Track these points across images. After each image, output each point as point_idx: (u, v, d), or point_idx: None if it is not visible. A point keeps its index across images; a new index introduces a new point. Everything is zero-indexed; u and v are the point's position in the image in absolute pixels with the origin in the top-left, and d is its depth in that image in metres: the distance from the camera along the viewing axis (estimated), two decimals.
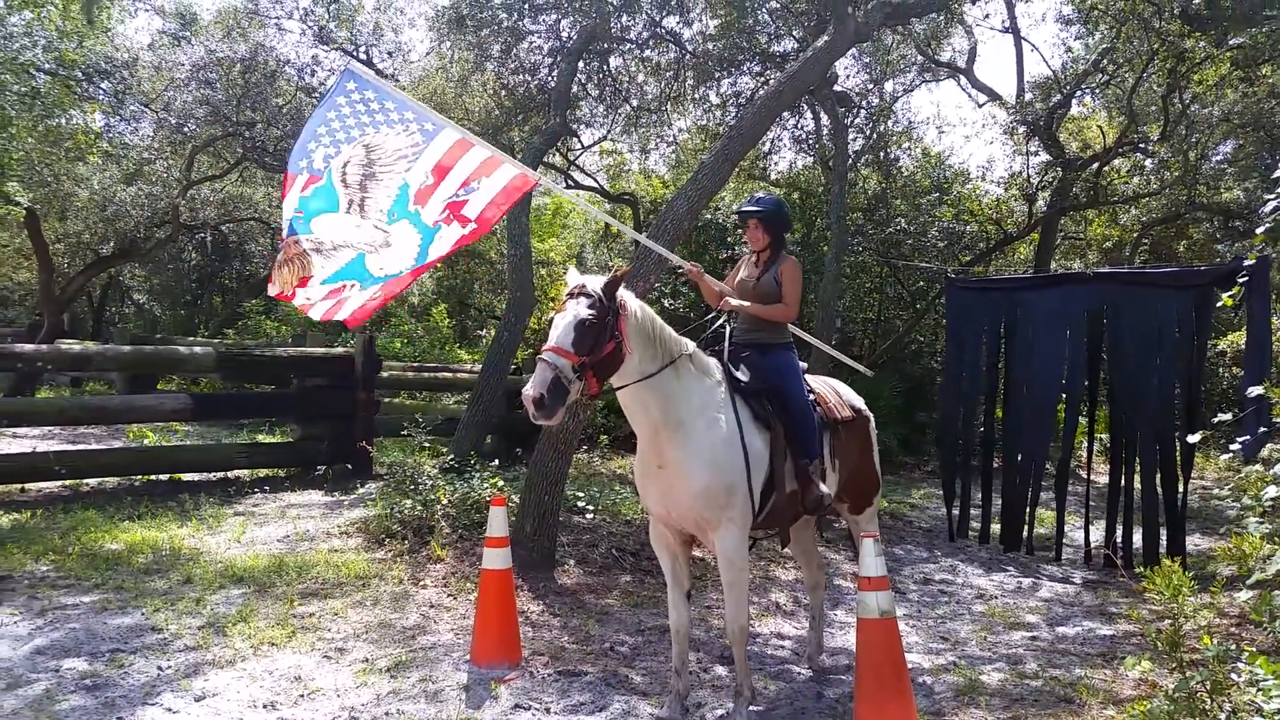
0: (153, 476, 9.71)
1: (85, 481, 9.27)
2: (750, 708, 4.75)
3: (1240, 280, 6.52)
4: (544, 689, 5.06)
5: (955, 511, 9.47)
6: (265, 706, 4.63)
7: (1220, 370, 17.61)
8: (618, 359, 4.30)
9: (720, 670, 5.50)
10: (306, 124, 5.65)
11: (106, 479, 9.47)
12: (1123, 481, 8.57)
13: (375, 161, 5.50)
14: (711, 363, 4.83)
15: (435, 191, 5.41)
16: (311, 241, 5.36)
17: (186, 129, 17.64)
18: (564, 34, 13.17)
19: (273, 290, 5.49)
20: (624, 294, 4.38)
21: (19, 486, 8.92)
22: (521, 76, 13.87)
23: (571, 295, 4.27)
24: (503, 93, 14.28)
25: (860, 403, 5.72)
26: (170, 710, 4.51)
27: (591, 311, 4.18)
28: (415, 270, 5.32)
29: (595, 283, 4.29)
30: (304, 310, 5.49)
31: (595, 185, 21.04)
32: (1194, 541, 8.41)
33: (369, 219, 5.38)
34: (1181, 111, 14.96)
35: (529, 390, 4.04)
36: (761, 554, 8.02)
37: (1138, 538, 8.45)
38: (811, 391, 5.21)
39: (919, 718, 4.56)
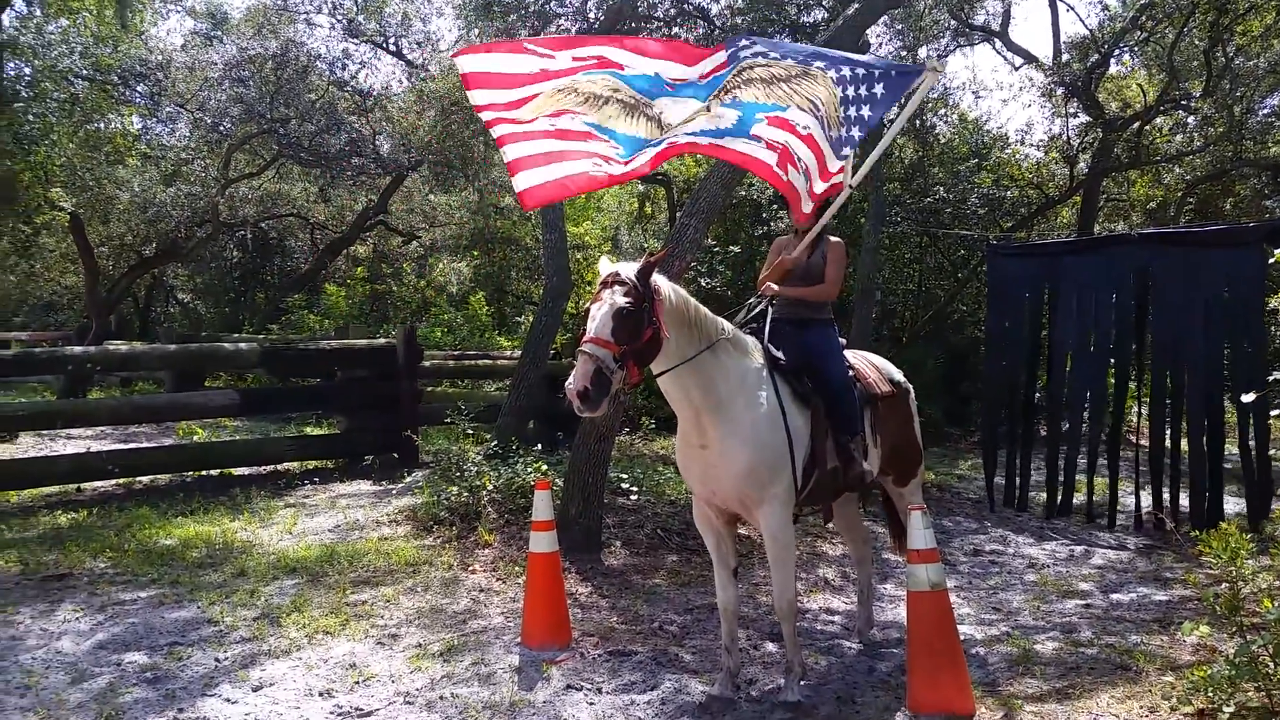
0: (204, 472, 9.86)
1: (138, 479, 9.44)
2: (801, 682, 4.74)
3: None
4: (595, 669, 5.09)
5: (1000, 480, 9.37)
6: (321, 694, 4.69)
7: (1273, 329, 17.22)
8: (656, 345, 4.26)
9: (770, 646, 5.49)
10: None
11: (159, 476, 9.63)
12: (1168, 444, 8.43)
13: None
14: (750, 341, 4.79)
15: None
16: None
17: (222, 128, 17.86)
18: (590, 14, 13.10)
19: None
20: (658, 279, 4.33)
21: (75, 486, 9.10)
22: None
23: (606, 284, 4.22)
24: None
25: (900, 376, 5.67)
26: (229, 700, 4.59)
27: (628, 300, 4.13)
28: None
29: (629, 270, 4.24)
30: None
31: None
32: (1240, 505, 8.24)
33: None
34: (1225, 65, 14.60)
35: (572, 384, 4.01)
36: (808, 530, 7.99)
37: (1196, 501, 8.31)
38: (850, 368, 5.17)
39: (972, 689, 4.52)
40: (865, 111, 4.57)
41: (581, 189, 5.27)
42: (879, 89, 4.57)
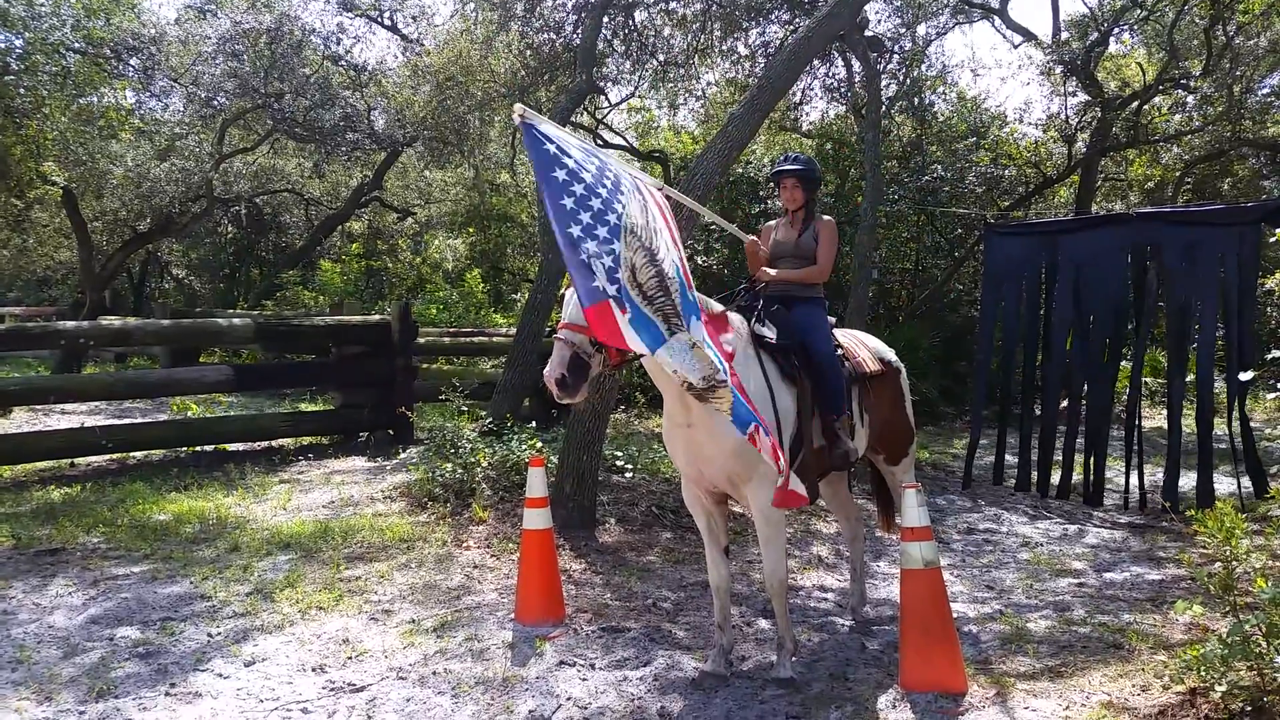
0: (198, 448, 9.84)
1: (132, 454, 9.42)
2: (794, 659, 4.74)
3: None
4: (588, 645, 5.09)
5: (992, 459, 9.37)
6: (314, 669, 4.69)
7: (1268, 309, 17.22)
8: None
9: (763, 624, 5.50)
10: (555, 226, 3.67)
11: (152, 451, 9.61)
12: (1166, 423, 8.43)
13: (653, 250, 3.85)
14: (737, 319, 4.77)
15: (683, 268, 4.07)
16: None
17: (216, 102, 17.72)
18: None
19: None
20: None
21: (68, 461, 9.08)
22: (546, 35, 13.74)
23: None
24: (528, 52, 14.15)
25: (891, 355, 5.66)
26: (221, 675, 4.58)
27: None
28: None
29: None
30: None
31: (624, 143, 20.90)
32: (1245, 484, 8.25)
33: (691, 329, 3.88)
34: (1225, 44, 14.51)
35: (549, 371, 3.97)
36: (801, 508, 7.99)
37: (1188, 481, 8.32)
38: (839, 346, 5.15)
39: (965, 667, 4.53)
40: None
41: None
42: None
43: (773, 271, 5.14)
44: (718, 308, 4.66)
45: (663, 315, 3.76)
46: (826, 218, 5.29)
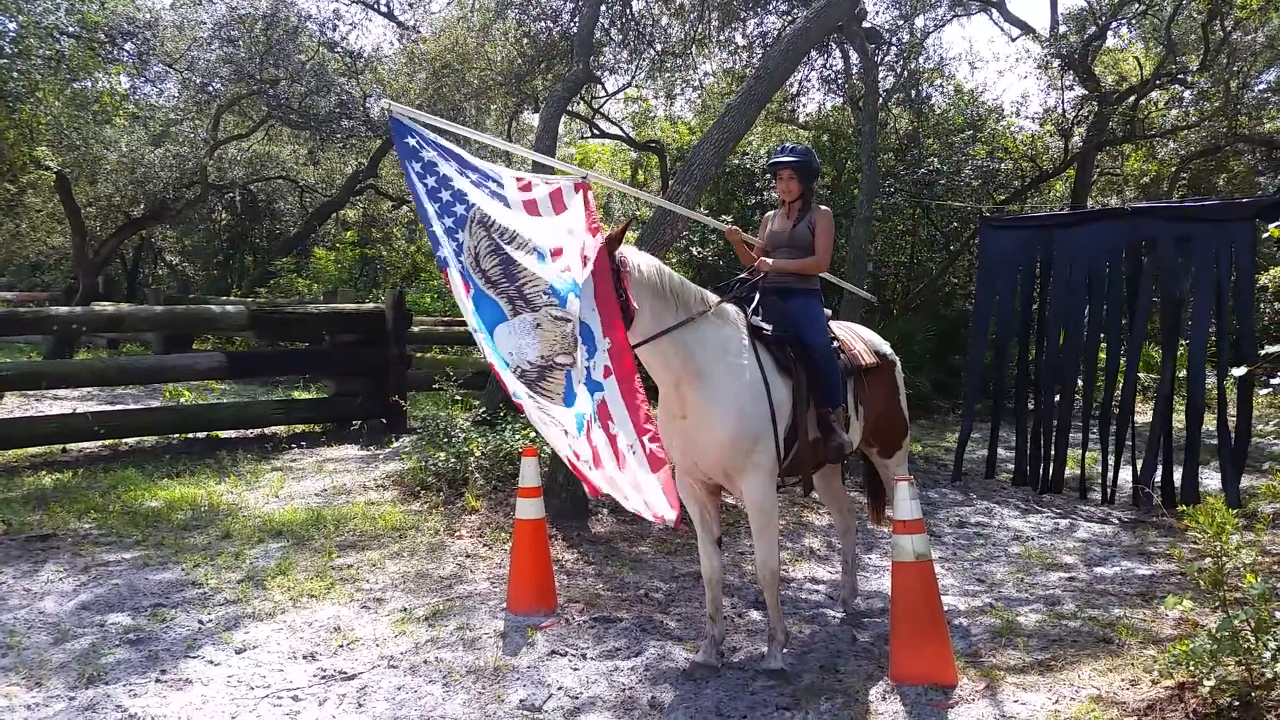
0: (190, 435, 9.82)
1: (124, 441, 9.40)
2: (784, 650, 4.75)
3: None
4: (580, 635, 5.10)
5: (985, 453, 9.38)
6: (305, 657, 4.69)
7: (1262, 305, 17.25)
8: (627, 319, 4.22)
9: (755, 615, 5.50)
10: (415, 199, 4.33)
11: (145, 438, 9.59)
12: (1160, 419, 8.45)
13: (501, 241, 4.21)
14: (733, 311, 4.76)
15: (564, 252, 4.29)
16: (526, 374, 4.02)
17: (211, 88, 17.65)
18: None
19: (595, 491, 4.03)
20: (626, 251, 4.28)
21: (60, 447, 9.06)
22: (543, 23, 13.69)
23: None
24: (525, 40, 14.10)
25: (885, 347, 5.65)
26: (212, 662, 4.58)
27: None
28: (615, 363, 4.15)
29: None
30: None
31: (620, 133, 20.84)
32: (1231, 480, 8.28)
33: (542, 309, 4.09)
34: (1223, 39, 14.50)
35: None
36: (794, 500, 8.00)
37: (1179, 476, 8.34)
38: (835, 339, 5.15)
39: (955, 659, 4.54)
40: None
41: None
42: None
43: (771, 261, 5.12)
44: (714, 299, 4.66)
45: (507, 298, 4.13)
46: (823, 208, 5.25)
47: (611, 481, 4.00)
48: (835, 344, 5.10)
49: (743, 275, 5.18)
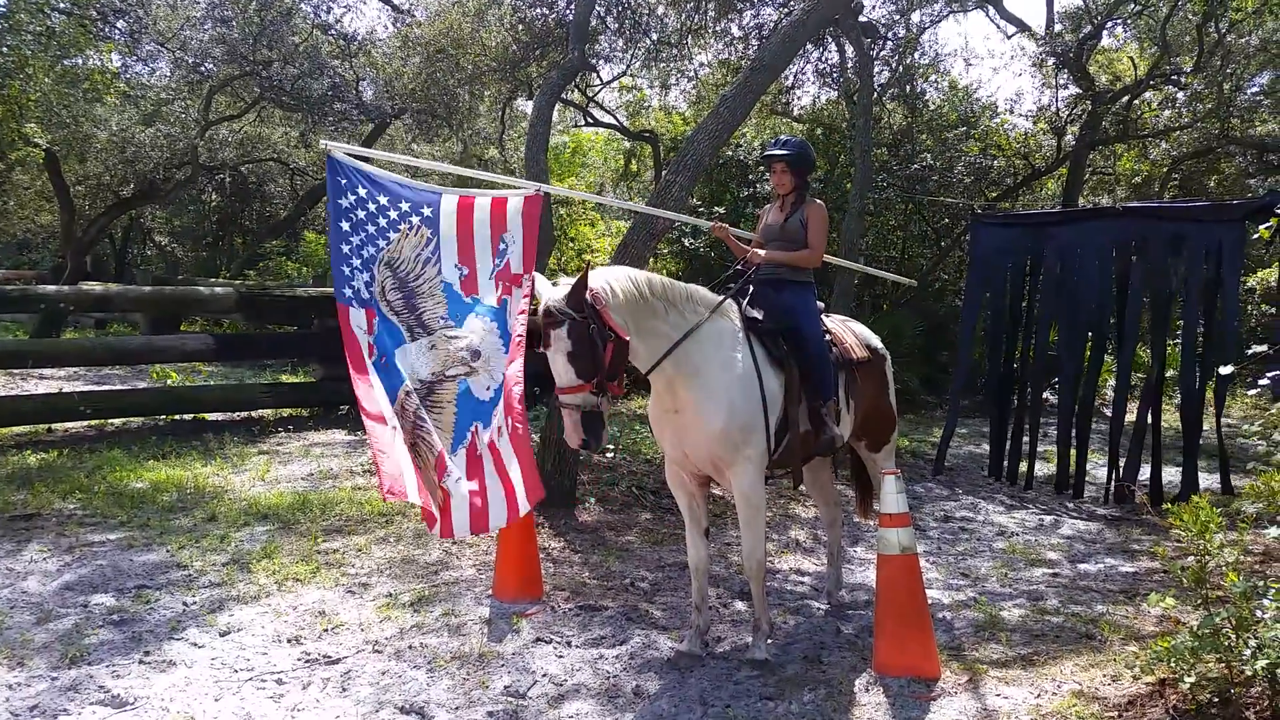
0: (177, 416, 9.78)
1: (110, 421, 9.36)
2: (769, 641, 4.77)
3: (1278, 212, 6.35)
4: (565, 623, 5.10)
5: (973, 449, 9.41)
6: (290, 641, 4.68)
7: (1249, 308, 17.34)
8: (623, 352, 4.15)
9: (740, 605, 5.52)
10: (330, 238, 4.95)
11: (131, 419, 9.55)
12: (1149, 418, 8.49)
13: (406, 279, 4.81)
14: (726, 303, 4.75)
15: (477, 276, 4.86)
16: (413, 389, 4.59)
17: (203, 68, 17.51)
18: None
19: (393, 489, 4.34)
20: (595, 283, 4.11)
21: (45, 427, 9.02)
22: (539, 10, 13.62)
23: (546, 325, 4.05)
24: (520, 27, 14.03)
25: (877, 342, 5.66)
26: (195, 645, 4.57)
27: (573, 339, 3.99)
28: (510, 362, 4.64)
29: (558, 298, 4.03)
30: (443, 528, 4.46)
31: (615, 122, 20.79)
32: (1216, 480, 8.33)
33: (437, 333, 4.74)
34: (1217, 41, 14.53)
35: (570, 441, 4.08)
36: (780, 492, 8.02)
37: (1165, 474, 8.39)
38: (827, 332, 5.15)
39: (938, 653, 4.56)
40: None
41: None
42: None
43: (763, 253, 5.11)
44: (710, 297, 4.66)
45: (406, 326, 4.75)
46: (817, 202, 5.21)
47: (478, 511, 4.52)
48: (828, 337, 5.11)
49: (737, 267, 5.18)
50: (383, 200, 4.81)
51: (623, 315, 4.19)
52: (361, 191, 4.78)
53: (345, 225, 4.70)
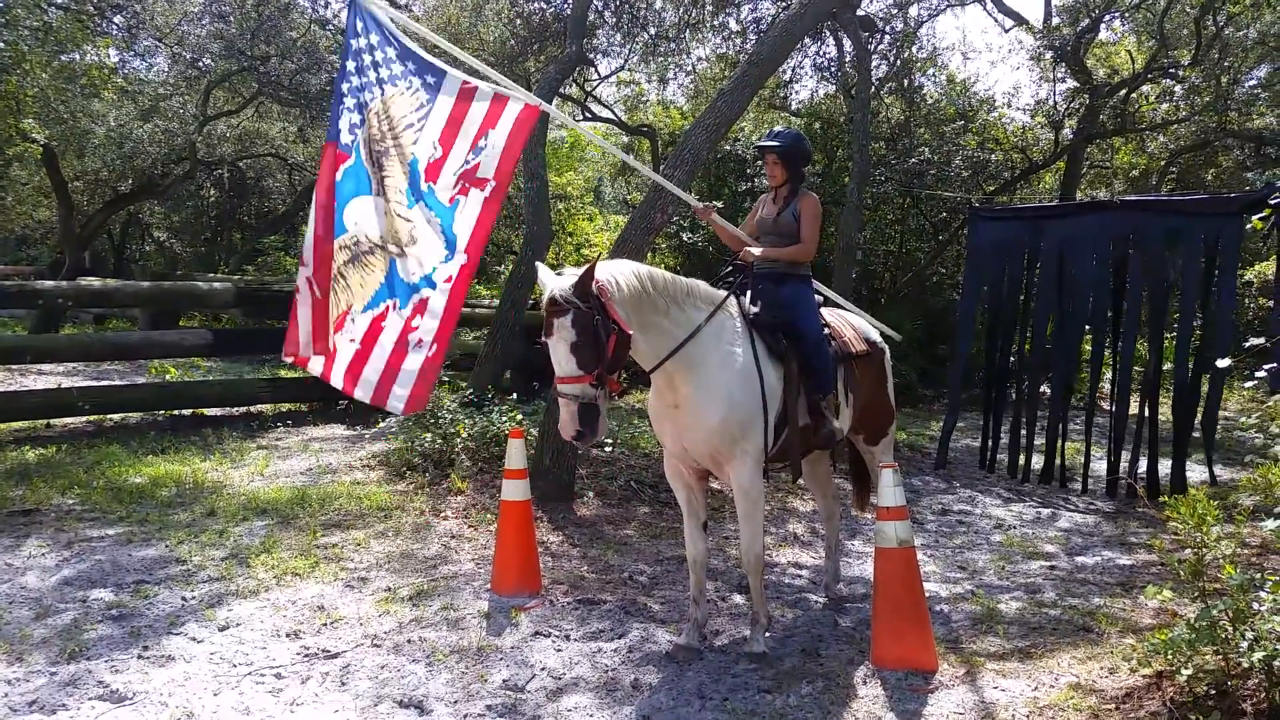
0: (175, 411, 9.78)
1: (109, 417, 9.36)
2: (767, 634, 4.78)
3: (1272, 203, 6.36)
4: (564, 616, 5.11)
5: (971, 442, 9.41)
6: (289, 635, 4.69)
7: (1246, 301, 17.34)
8: (625, 346, 4.15)
9: (738, 599, 5.53)
10: (335, 79, 5.28)
11: (130, 414, 9.55)
12: (1147, 411, 8.49)
13: (387, 133, 5.06)
14: (730, 301, 4.75)
15: (445, 164, 5.00)
16: (347, 244, 4.91)
17: (201, 64, 17.48)
18: None
19: (293, 351, 5.10)
20: (601, 275, 4.11)
21: (44, 422, 9.02)
22: (537, 4, 13.63)
23: (549, 313, 4.05)
24: (518, 21, 14.02)
25: (875, 335, 5.67)
26: (194, 639, 4.58)
27: (577, 329, 3.98)
28: (459, 275, 4.87)
29: (565, 289, 4.02)
30: (325, 379, 5.15)
31: (613, 117, 20.77)
32: (1217, 472, 8.34)
33: (391, 202, 4.97)
34: (1215, 34, 14.52)
35: (565, 431, 4.06)
36: (778, 486, 8.03)
37: (1162, 467, 8.40)
38: (826, 325, 5.14)
39: (936, 645, 4.57)
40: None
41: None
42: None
43: (757, 251, 5.11)
44: (713, 294, 4.66)
45: (378, 181, 4.96)
46: (810, 195, 5.20)
47: (350, 374, 5.04)
48: (826, 331, 5.10)
49: (735, 262, 5.16)
50: (390, 53, 5.06)
51: (626, 309, 4.19)
52: (374, 39, 5.04)
53: (351, 66, 5.02)
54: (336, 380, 5.04)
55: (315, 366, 5.08)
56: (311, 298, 4.87)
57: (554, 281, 4.11)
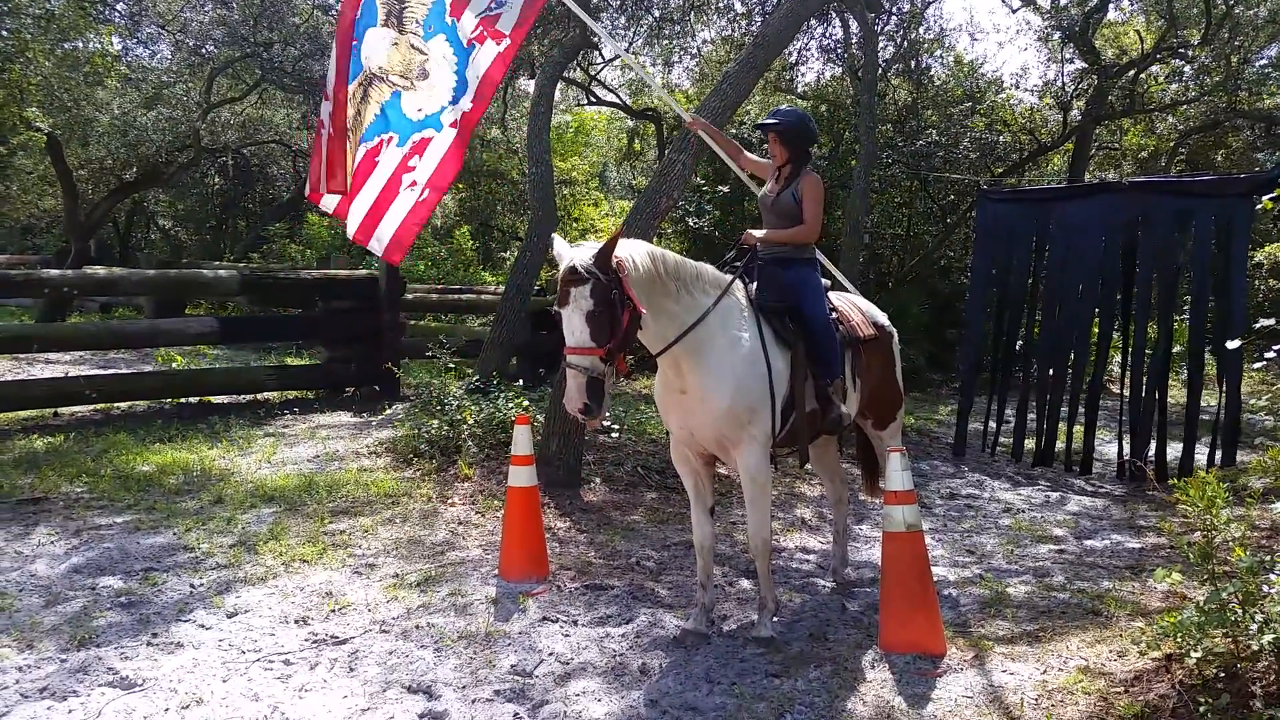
0: (182, 399, 9.79)
1: (116, 405, 9.37)
2: (774, 619, 4.77)
3: None
4: (571, 602, 5.11)
5: (977, 425, 9.39)
6: (297, 621, 4.70)
7: (1256, 282, 17.25)
8: (637, 324, 4.12)
9: (745, 584, 5.52)
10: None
11: (137, 403, 9.56)
12: (1157, 395, 8.47)
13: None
14: (738, 285, 4.72)
15: (470, 2, 5.04)
16: (362, 83, 4.98)
17: (204, 51, 17.48)
18: None
19: (316, 191, 5.20)
20: (620, 252, 4.09)
21: (51, 411, 9.03)
22: None
23: (567, 282, 4.02)
24: None
25: (883, 319, 5.62)
26: (203, 626, 4.59)
27: (595, 299, 3.96)
28: (463, 121, 4.91)
29: (585, 259, 4.00)
30: (340, 216, 5.25)
31: (617, 101, 20.69)
32: (1220, 456, 8.31)
33: (407, 33, 4.97)
34: (1225, 13, 14.41)
35: (571, 404, 4.01)
36: (786, 471, 8.01)
37: (1171, 450, 8.38)
38: (834, 310, 5.10)
39: (944, 629, 4.57)
40: None
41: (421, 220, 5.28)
42: None
43: (759, 233, 5.06)
44: (720, 278, 4.63)
45: (386, 9, 5.01)
46: (812, 175, 5.07)
47: (352, 211, 5.12)
48: (834, 315, 5.06)
49: (734, 248, 5.10)
50: None
51: (640, 289, 4.16)
52: None
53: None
54: (351, 224, 5.15)
55: (328, 204, 5.23)
56: (328, 135, 4.97)
57: (573, 252, 4.07)
